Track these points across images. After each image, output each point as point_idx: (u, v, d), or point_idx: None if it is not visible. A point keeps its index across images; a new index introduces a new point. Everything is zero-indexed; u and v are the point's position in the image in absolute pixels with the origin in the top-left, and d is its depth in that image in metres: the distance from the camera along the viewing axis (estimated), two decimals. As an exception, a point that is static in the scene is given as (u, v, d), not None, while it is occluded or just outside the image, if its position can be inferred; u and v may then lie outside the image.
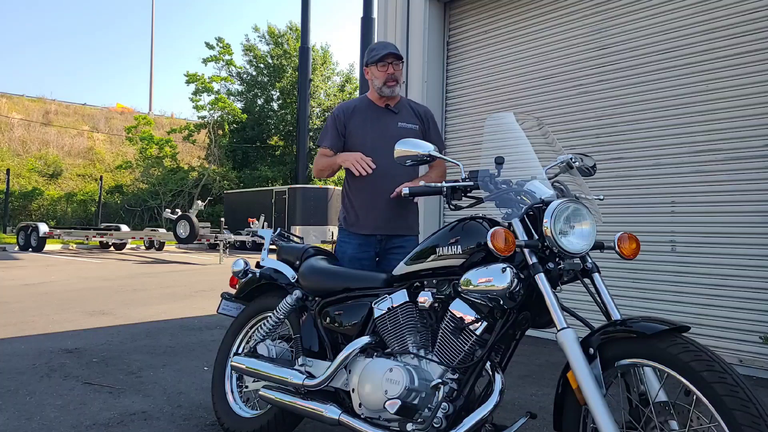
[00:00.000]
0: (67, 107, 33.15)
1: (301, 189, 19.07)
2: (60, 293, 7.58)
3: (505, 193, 1.88)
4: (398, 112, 2.88)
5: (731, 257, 4.10)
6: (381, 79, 2.78)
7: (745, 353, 3.99)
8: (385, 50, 2.77)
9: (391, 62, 2.77)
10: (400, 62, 2.80)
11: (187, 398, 3.27)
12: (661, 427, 1.53)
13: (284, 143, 28.64)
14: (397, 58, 2.78)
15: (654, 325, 1.52)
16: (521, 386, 3.60)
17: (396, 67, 2.78)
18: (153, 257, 14.94)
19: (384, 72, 2.77)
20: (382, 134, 2.79)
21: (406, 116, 2.88)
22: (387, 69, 2.76)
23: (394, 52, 2.77)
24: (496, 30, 5.67)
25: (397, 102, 2.90)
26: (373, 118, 2.85)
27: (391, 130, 2.81)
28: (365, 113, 2.87)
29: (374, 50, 2.82)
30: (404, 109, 2.91)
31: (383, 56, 2.76)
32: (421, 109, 2.99)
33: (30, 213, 23.63)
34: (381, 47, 2.82)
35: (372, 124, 2.84)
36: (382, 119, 2.85)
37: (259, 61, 29.21)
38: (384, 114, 2.86)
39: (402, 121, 2.86)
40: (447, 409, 1.84)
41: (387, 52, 2.76)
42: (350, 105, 2.92)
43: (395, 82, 2.80)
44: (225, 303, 2.83)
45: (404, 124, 2.85)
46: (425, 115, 2.96)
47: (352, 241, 2.85)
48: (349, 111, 2.88)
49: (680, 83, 4.40)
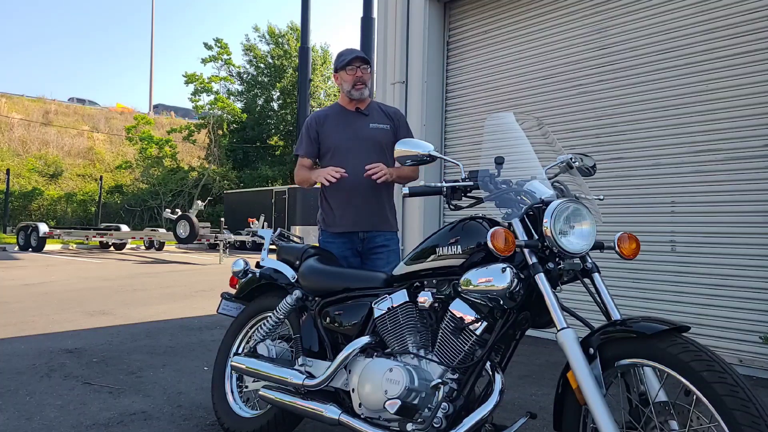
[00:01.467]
0: (67, 107, 33.16)
1: (301, 189, 19.03)
2: (60, 293, 7.58)
3: (505, 193, 1.87)
4: (369, 114, 3.00)
5: (731, 257, 4.10)
6: (349, 83, 2.92)
7: (745, 353, 3.99)
8: (352, 54, 2.92)
9: (358, 66, 2.90)
10: (367, 66, 2.94)
11: (187, 398, 3.27)
12: (661, 427, 1.53)
13: (284, 143, 28.63)
14: (363, 62, 2.92)
15: (654, 325, 1.52)
16: (521, 386, 3.60)
17: (363, 70, 2.92)
18: (153, 257, 14.94)
19: (352, 75, 2.90)
20: (355, 135, 2.92)
21: (376, 117, 3.01)
22: (355, 72, 2.90)
23: (360, 56, 2.92)
24: (496, 30, 5.67)
25: (367, 105, 3.03)
26: (345, 122, 2.97)
27: (363, 131, 2.94)
28: (337, 118, 3.00)
29: (342, 56, 2.96)
30: (374, 111, 3.04)
31: (350, 60, 2.90)
32: (391, 110, 3.12)
33: (30, 213, 23.62)
34: (348, 53, 2.95)
35: (344, 127, 2.96)
36: (353, 122, 2.97)
37: (259, 61, 29.21)
38: (355, 117, 2.99)
39: (373, 122, 2.98)
40: (447, 409, 1.84)
41: (353, 56, 2.90)
42: (322, 113, 3.07)
43: (363, 85, 2.93)
44: (225, 303, 2.83)
45: (376, 125, 2.97)
46: (395, 115, 3.08)
47: (334, 240, 2.94)
48: (321, 118, 3.02)
49: (680, 83, 4.40)
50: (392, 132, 3.00)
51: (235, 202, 21.26)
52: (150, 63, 74.31)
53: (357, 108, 3.01)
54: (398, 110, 3.18)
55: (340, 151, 2.90)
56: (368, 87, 2.98)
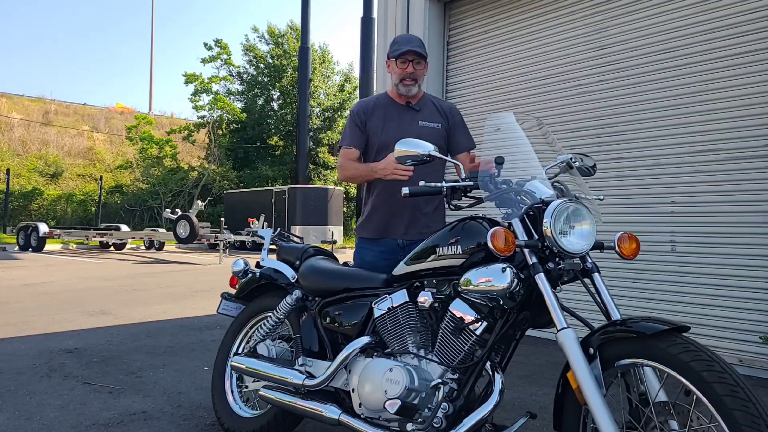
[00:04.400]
0: (67, 107, 33.15)
1: (301, 189, 19.07)
2: (60, 293, 7.58)
3: (505, 193, 1.87)
4: (420, 109, 2.69)
5: (731, 257, 4.10)
6: (398, 76, 2.63)
7: (745, 353, 3.99)
8: (406, 47, 2.59)
9: (411, 60, 2.60)
10: (421, 61, 2.62)
11: (187, 398, 3.27)
12: (661, 427, 1.53)
13: (284, 143, 28.63)
14: (418, 56, 2.60)
15: (654, 325, 1.52)
16: (521, 386, 3.60)
17: (416, 65, 2.61)
18: (153, 257, 14.93)
19: (402, 69, 2.61)
20: (402, 133, 2.56)
21: (428, 114, 2.70)
22: (406, 67, 2.60)
23: (414, 49, 2.58)
24: (496, 30, 5.67)
25: (419, 99, 2.72)
26: (393, 117, 2.67)
27: (412, 129, 2.62)
28: (384, 111, 2.69)
29: (396, 44, 2.64)
30: (427, 106, 2.73)
31: (403, 53, 2.59)
32: (446, 106, 2.80)
33: (30, 213, 23.60)
34: (404, 41, 2.63)
35: (391, 123, 2.66)
36: (402, 117, 2.67)
37: (259, 61, 29.20)
38: (404, 112, 2.69)
39: (423, 119, 2.68)
40: (447, 409, 1.84)
41: (407, 49, 2.58)
42: (369, 102, 2.76)
43: (413, 82, 2.63)
44: (225, 303, 2.83)
45: (425, 123, 2.67)
46: (450, 112, 2.76)
47: (372, 248, 2.69)
48: (369, 108, 2.72)
49: (680, 83, 4.40)
50: (444, 131, 2.69)
51: (235, 202, 21.25)
52: (150, 63, 74.27)
53: (408, 102, 2.69)
54: (454, 106, 2.83)
55: (385, 150, 2.52)
56: (419, 84, 2.67)
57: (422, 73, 2.65)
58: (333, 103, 28.46)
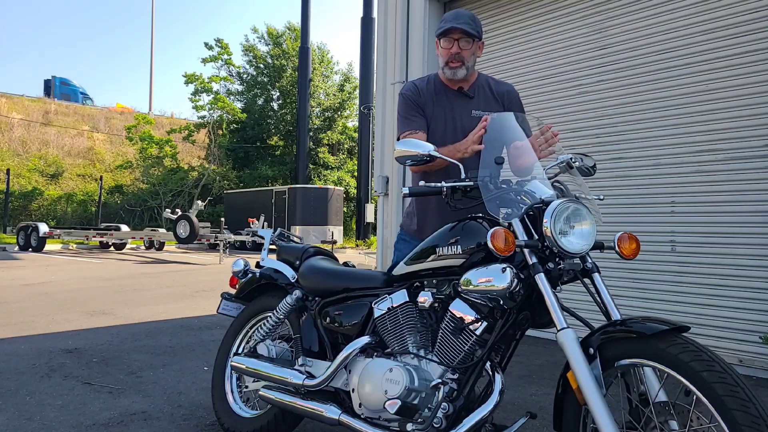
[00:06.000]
0: (67, 107, 33.15)
1: (301, 189, 19.08)
2: (60, 293, 7.58)
3: (505, 193, 1.87)
4: (473, 96, 2.43)
5: (731, 257, 4.10)
6: (444, 58, 2.38)
7: (745, 353, 3.99)
8: (452, 23, 2.32)
9: (457, 39, 2.33)
10: (470, 39, 2.33)
11: (187, 398, 3.27)
12: (661, 427, 1.53)
13: (284, 143, 28.64)
14: (464, 34, 2.31)
15: (654, 325, 1.52)
16: (521, 386, 3.60)
17: (464, 44, 2.33)
18: (153, 257, 14.94)
19: (447, 50, 2.35)
20: (453, 124, 2.38)
21: (482, 102, 2.44)
22: (451, 47, 2.34)
23: (459, 26, 2.30)
24: (496, 30, 5.67)
25: (472, 83, 2.45)
26: (444, 104, 2.42)
27: (464, 120, 2.39)
28: (435, 97, 2.43)
29: (443, 21, 2.37)
30: (481, 91, 2.45)
31: (446, 30, 2.32)
32: (503, 89, 2.49)
33: (30, 213, 23.62)
34: (451, 18, 2.34)
35: (442, 111, 2.42)
36: (453, 105, 2.43)
37: (258, 61, 29.22)
38: (456, 99, 2.43)
39: (477, 108, 2.42)
40: (447, 409, 1.84)
41: (451, 26, 2.31)
42: (418, 84, 2.48)
43: (459, 63, 2.35)
44: (225, 303, 2.83)
45: (479, 113, 2.39)
46: (508, 96, 2.47)
47: (412, 240, 2.47)
48: (419, 90, 2.45)
49: (680, 83, 4.40)
50: None
51: (235, 202, 21.27)
52: (150, 63, 74.23)
53: (460, 87, 2.43)
54: (512, 88, 2.52)
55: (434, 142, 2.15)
56: (468, 66, 2.37)
57: (472, 53, 2.37)
58: (333, 103, 28.47)
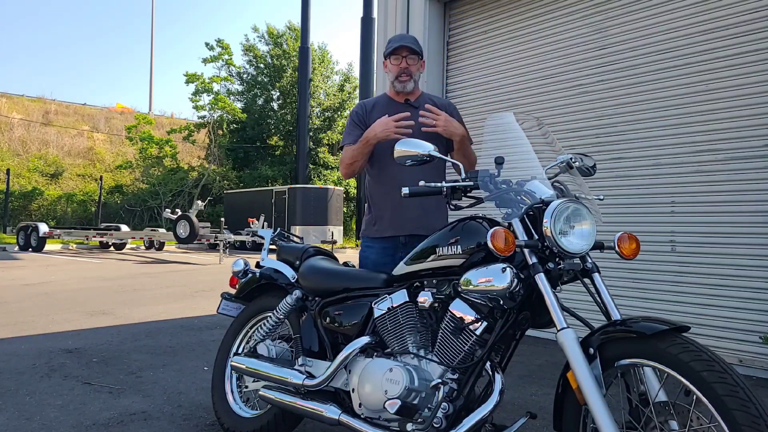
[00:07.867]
0: (67, 107, 33.15)
1: (301, 189, 19.08)
2: (60, 293, 7.58)
3: (505, 193, 1.87)
4: (418, 106, 2.70)
5: (731, 257, 4.10)
6: (393, 73, 2.71)
7: (745, 353, 3.99)
8: (398, 42, 2.68)
9: (404, 56, 2.67)
10: (415, 56, 2.69)
11: (187, 398, 3.27)
12: (661, 427, 1.53)
13: (284, 143, 28.64)
14: (411, 52, 2.67)
15: (654, 325, 1.52)
16: (521, 386, 3.60)
17: (411, 61, 2.68)
18: (153, 257, 14.94)
19: (397, 66, 2.69)
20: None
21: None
22: (400, 63, 2.68)
23: (407, 45, 2.67)
24: (496, 30, 5.67)
25: (417, 97, 2.79)
26: (390, 113, 2.65)
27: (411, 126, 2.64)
28: (384, 109, 2.72)
29: (390, 42, 2.73)
30: (424, 101, 2.74)
31: (395, 48, 2.68)
32: (444, 103, 2.85)
33: (30, 213, 23.62)
34: (397, 39, 2.72)
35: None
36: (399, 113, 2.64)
37: (258, 61, 29.21)
38: (401, 108, 2.70)
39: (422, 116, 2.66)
40: (447, 409, 1.84)
41: (399, 45, 2.67)
42: (369, 102, 2.84)
43: (408, 77, 2.69)
44: (225, 303, 2.83)
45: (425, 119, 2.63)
46: (447, 108, 2.77)
47: (374, 245, 2.71)
48: (369, 107, 2.79)
49: (680, 83, 4.40)
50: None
51: (235, 202, 21.26)
52: (150, 63, 74.22)
53: (406, 100, 2.76)
54: (451, 103, 2.92)
55: (386, 147, 2.49)
56: (415, 79, 2.73)
57: (417, 68, 2.72)
58: (333, 103, 28.46)
